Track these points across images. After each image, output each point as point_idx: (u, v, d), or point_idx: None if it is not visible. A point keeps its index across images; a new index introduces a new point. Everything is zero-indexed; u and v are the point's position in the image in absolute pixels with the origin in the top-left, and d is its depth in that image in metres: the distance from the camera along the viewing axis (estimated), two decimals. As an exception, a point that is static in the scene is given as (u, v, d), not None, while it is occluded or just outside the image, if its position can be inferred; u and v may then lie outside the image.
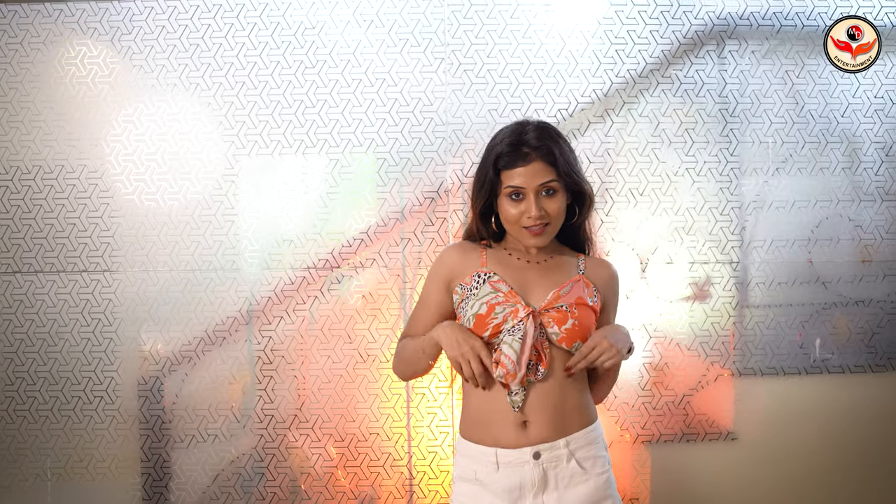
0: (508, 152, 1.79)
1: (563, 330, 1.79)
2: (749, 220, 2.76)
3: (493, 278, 1.84)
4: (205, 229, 2.76)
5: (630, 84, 2.74)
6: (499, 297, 1.80)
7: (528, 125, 1.84)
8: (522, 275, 1.88)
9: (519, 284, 1.86)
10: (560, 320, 1.79)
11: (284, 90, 2.76)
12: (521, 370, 1.75)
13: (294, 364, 2.76)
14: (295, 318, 2.76)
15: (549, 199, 1.79)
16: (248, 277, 2.76)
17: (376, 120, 2.75)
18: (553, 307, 1.81)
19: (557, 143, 1.81)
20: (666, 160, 2.75)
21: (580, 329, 1.81)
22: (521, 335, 1.76)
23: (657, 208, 2.75)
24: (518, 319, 1.77)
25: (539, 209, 1.77)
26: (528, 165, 1.78)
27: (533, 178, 1.77)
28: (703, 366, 2.76)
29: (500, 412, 1.78)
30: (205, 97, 2.75)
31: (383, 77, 2.75)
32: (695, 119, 2.74)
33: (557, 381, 1.80)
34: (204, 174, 2.76)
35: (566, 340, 1.79)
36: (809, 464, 2.73)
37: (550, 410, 1.77)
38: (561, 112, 2.76)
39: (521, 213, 1.80)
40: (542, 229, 1.81)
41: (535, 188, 1.77)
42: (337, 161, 2.77)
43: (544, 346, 1.79)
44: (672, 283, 2.75)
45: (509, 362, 1.74)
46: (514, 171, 1.78)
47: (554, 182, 1.79)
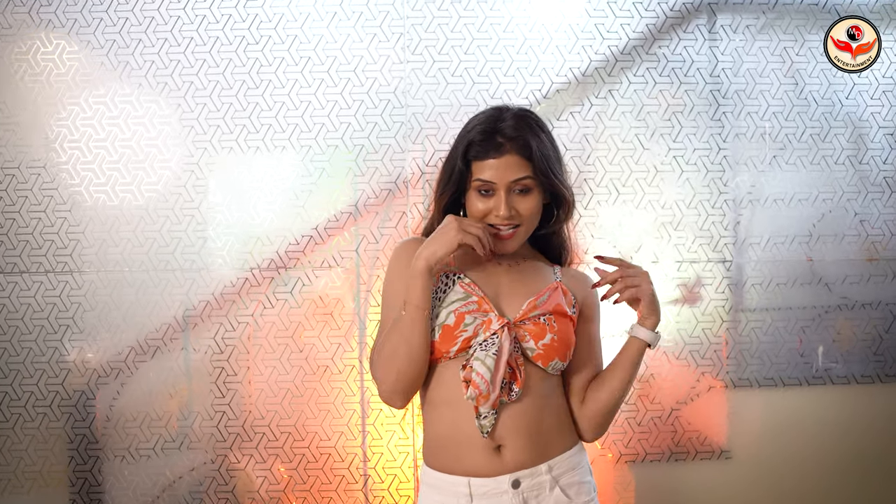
0: (480, 141, 1.59)
1: (541, 346, 1.59)
2: (744, 215, 2.50)
3: (463, 280, 1.63)
4: (136, 225, 2.47)
5: (611, 62, 2.48)
6: (470, 305, 1.60)
7: (507, 112, 1.64)
8: (495, 280, 1.67)
9: (491, 290, 1.65)
10: (537, 334, 1.60)
11: (224, 69, 2.47)
12: (496, 390, 1.54)
13: (236, 376, 2.47)
14: (236, 324, 2.47)
15: (522, 197, 1.59)
16: (183, 280, 2.47)
17: (326, 102, 2.47)
18: (529, 318, 1.61)
19: (537, 135, 1.60)
20: (651, 147, 2.48)
21: (559, 345, 1.61)
22: (496, 350, 1.55)
23: (641, 201, 2.47)
24: (491, 332, 1.56)
25: (509, 208, 1.58)
26: (500, 158, 1.58)
27: (505, 173, 1.57)
28: (694, 377, 2.49)
29: (468, 436, 1.59)
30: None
31: (334, 55, 2.47)
32: (683, 102, 2.47)
33: (533, 402, 1.60)
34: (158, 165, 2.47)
35: (543, 358, 1.60)
36: (810, 484, 2.55)
37: (526, 432, 1.59)
38: (534, 93, 2.47)
39: (488, 210, 1.60)
40: (512, 232, 1.60)
41: (507, 184, 1.57)
42: (283, 149, 2.48)
43: (519, 362, 1.58)
44: (658, 284, 2.46)
45: (482, 381, 1.53)
46: (485, 163, 1.58)
47: (528, 179, 1.58)
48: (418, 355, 1.56)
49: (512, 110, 1.64)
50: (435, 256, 1.54)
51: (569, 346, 1.62)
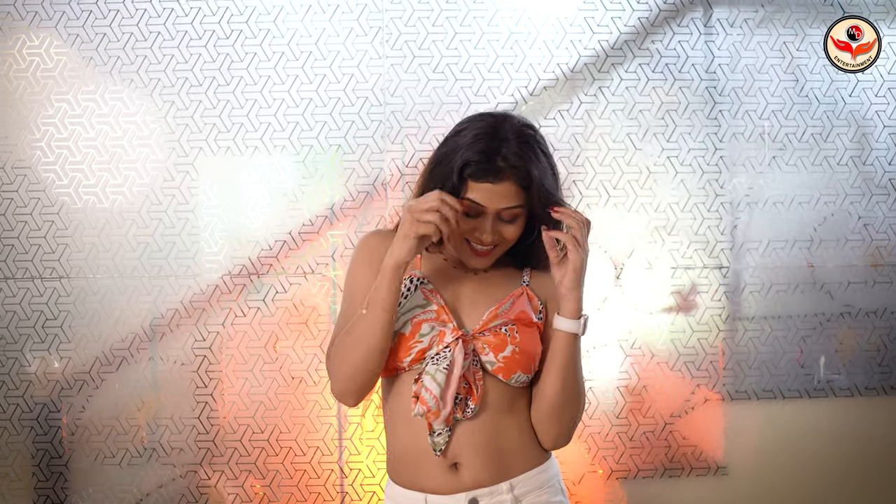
0: (479, 161, 1.48)
1: (501, 358, 1.50)
2: (741, 219, 2.39)
3: (426, 285, 1.55)
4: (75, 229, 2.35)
5: (601, 58, 2.35)
6: (429, 314, 1.51)
7: (508, 130, 1.50)
8: (458, 286, 1.58)
9: (453, 298, 1.57)
10: (497, 346, 1.50)
11: (193, 64, 2.34)
12: (446, 407, 1.46)
13: (206, 388, 2.35)
14: (206, 333, 2.35)
15: (509, 223, 1.51)
16: (150, 287, 2.34)
17: (301, 100, 2.34)
18: (489, 328, 1.52)
19: (539, 162, 1.50)
20: (643, 148, 2.35)
21: (521, 357, 1.51)
22: (447, 365, 1.47)
23: (633, 204, 2.35)
24: (444, 345, 1.48)
25: (494, 234, 1.50)
26: (497, 184, 1.47)
27: (498, 200, 1.48)
28: (689, 389, 2.37)
29: (424, 452, 1.51)
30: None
31: (309, 50, 2.34)
32: (677, 99, 2.35)
33: (491, 418, 1.51)
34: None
35: (503, 372, 1.50)
36: (811, 501, 2.44)
37: (484, 449, 1.50)
38: (520, 91, 2.35)
39: (471, 230, 1.52)
40: (488, 252, 1.53)
41: (496, 211, 1.49)
42: (254, 149, 2.35)
43: (476, 376, 1.50)
44: (652, 291, 2.36)
45: (431, 398, 1.45)
46: (480, 185, 1.48)
47: (519, 208, 1.50)
48: (376, 358, 1.47)
49: (514, 126, 1.51)
50: (400, 259, 1.45)
51: (533, 357, 1.52)
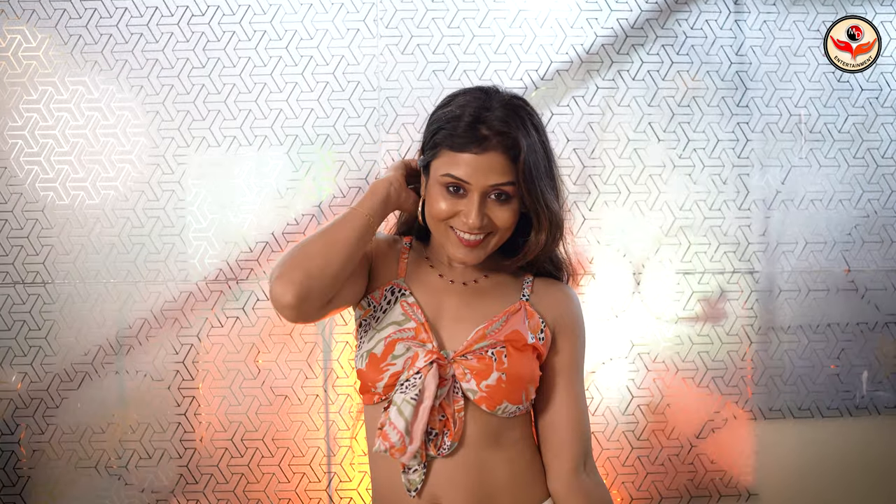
0: (460, 129, 1.28)
1: (484, 387, 1.28)
2: (775, 218, 2.16)
3: (407, 298, 1.35)
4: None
5: (620, 38, 2.12)
6: (406, 332, 1.31)
7: (496, 97, 1.32)
8: (443, 300, 1.37)
9: (436, 314, 1.35)
10: (480, 372, 1.28)
11: (164, 45, 2.09)
12: (414, 443, 1.26)
13: (178, 407, 2.10)
14: (179, 346, 2.09)
15: (500, 206, 1.30)
16: (116, 293, 2.09)
17: (285, 85, 2.10)
18: (472, 350, 1.30)
19: (529, 132, 1.29)
20: (666, 139, 2.11)
21: (509, 386, 1.29)
22: (416, 394, 1.25)
23: (656, 202, 2.11)
24: (415, 370, 1.26)
25: (481, 216, 1.28)
26: (481, 154, 1.27)
27: (485, 174, 1.27)
28: (717, 406, 2.13)
29: (402, 490, 1.32)
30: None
31: (294, 29, 2.09)
32: (704, 85, 2.11)
33: (475, 453, 1.30)
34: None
35: (487, 402, 1.28)
36: None
37: (468, 490, 1.30)
38: (529, 74, 2.10)
39: (453, 212, 1.30)
40: (478, 240, 1.31)
41: (484, 188, 1.28)
42: (232, 139, 2.10)
43: (456, 406, 1.28)
44: (676, 298, 2.11)
45: (394, 432, 1.25)
46: (461, 157, 1.27)
47: (510, 186, 1.29)
48: (338, 261, 1.24)
49: (502, 95, 1.33)
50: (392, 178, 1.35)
51: (524, 385, 1.30)
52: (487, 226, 1.29)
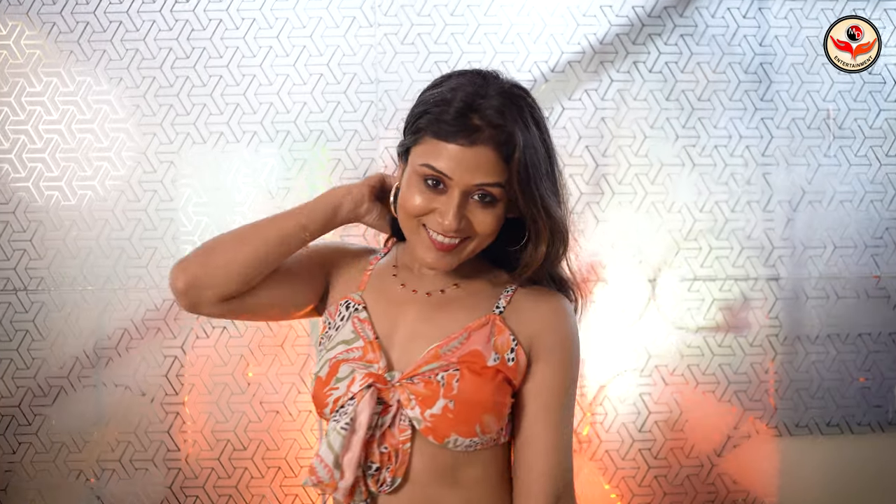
0: (448, 115, 1.11)
1: (429, 416, 1.11)
2: (801, 220, 2.03)
3: (360, 313, 1.21)
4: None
5: (636, 27, 2.00)
6: (353, 352, 1.17)
7: (495, 83, 1.15)
8: (398, 312, 1.20)
9: (389, 330, 1.19)
10: (426, 399, 1.11)
11: (145, 34, 1.94)
12: (345, 477, 1.11)
13: (161, 423, 1.95)
14: (162, 358, 1.95)
15: (483, 208, 1.13)
16: (94, 301, 1.95)
17: (276, 77, 1.96)
18: (420, 373, 1.13)
19: (528, 127, 1.12)
20: (686, 135, 1.98)
21: (458, 416, 1.11)
22: (347, 422, 1.11)
23: (674, 203, 1.99)
24: (350, 395, 1.13)
25: (459, 218, 1.12)
26: (469, 148, 1.10)
27: (470, 172, 1.11)
28: (739, 422, 2.00)
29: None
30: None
31: (286, 17, 1.95)
32: (726, 77, 1.99)
33: (423, 492, 1.14)
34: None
35: (434, 434, 1.11)
36: None
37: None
38: (539, 66, 1.97)
39: (428, 209, 1.13)
40: (453, 246, 1.14)
41: (467, 186, 1.11)
42: (219, 135, 1.95)
43: (402, 436, 1.13)
44: (695, 306, 1.98)
45: (321, 465, 1.10)
46: (445, 148, 1.11)
47: (497, 188, 1.12)
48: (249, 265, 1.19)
49: (502, 83, 1.16)
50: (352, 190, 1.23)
51: (477, 414, 1.12)
52: (465, 229, 1.12)
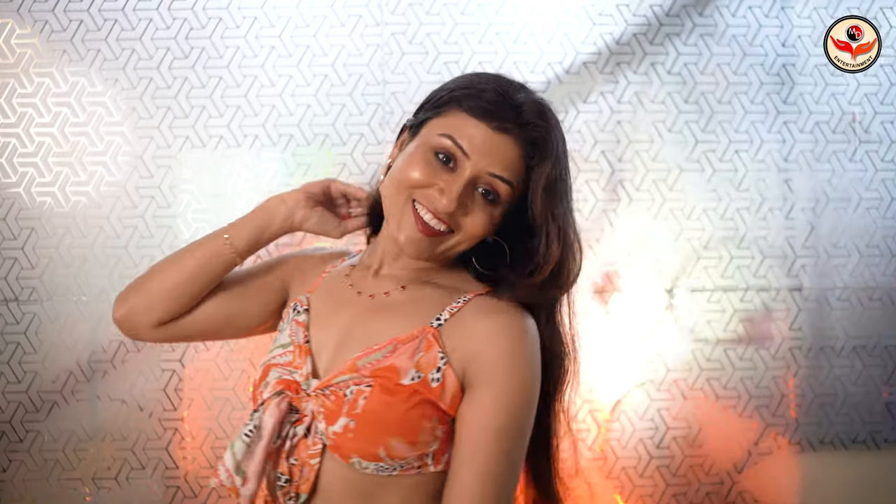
0: (484, 93, 1.08)
1: (332, 433, 1.05)
2: (825, 227, 1.96)
3: (299, 316, 1.18)
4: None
5: (654, 27, 1.93)
6: (285, 356, 1.15)
7: (524, 89, 1.13)
8: (336, 317, 1.16)
9: (323, 335, 1.15)
10: (330, 414, 1.06)
11: (142, 33, 1.86)
12: (247, 484, 1.07)
13: (159, 440, 1.87)
14: (159, 371, 1.88)
15: (483, 206, 1.08)
16: (88, 313, 1.87)
17: (278, 78, 1.89)
18: (333, 384, 1.07)
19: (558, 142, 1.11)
20: (705, 139, 1.91)
21: (359, 436, 1.04)
22: (251, 429, 1.08)
23: (693, 210, 1.91)
24: (260, 401, 1.12)
25: (457, 201, 1.06)
26: (497, 133, 1.06)
27: (490, 157, 1.06)
28: (761, 438, 1.93)
29: None
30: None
31: (288, 15, 1.88)
32: (748, 79, 1.93)
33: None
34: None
35: (339, 451, 1.06)
36: None
37: None
38: (552, 67, 1.89)
39: (426, 183, 1.07)
40: (436, 233, 1.08)
41: (480, 172, 1.06)
42: (219, 138, 1.87)
43: (311, 451, 1.08)
44: (714, 318, 1.92)
45: (223, 470, 1.09)
46: (474, 125, 1.07)
47: (506, 187, 1.08)
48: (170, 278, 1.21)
49: (531, 91, 1.14)
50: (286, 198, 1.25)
51: (382, 437, 1.03)
52: (456, 221, 1.06)
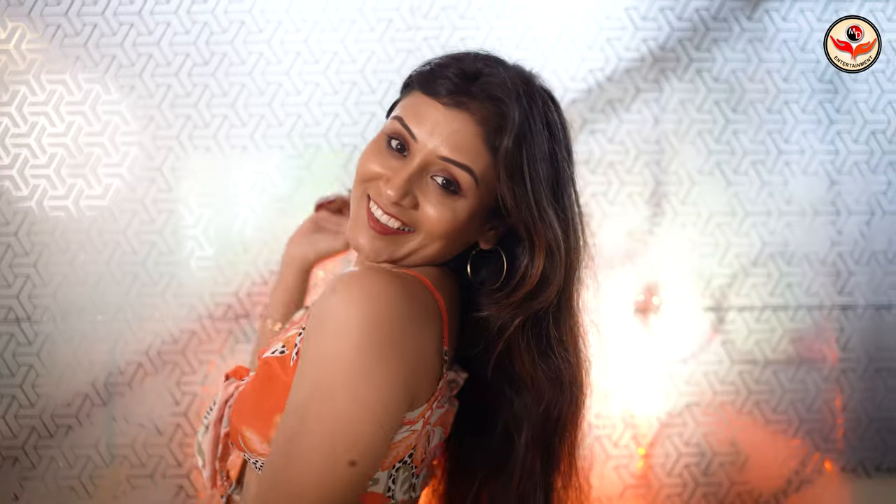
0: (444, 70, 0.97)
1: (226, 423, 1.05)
2: (881, 243, 1.85)
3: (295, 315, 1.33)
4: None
5: (699, 32, 1.82)
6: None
7: (516, 67, 1.03)
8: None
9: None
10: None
11: (160, 38, 1.77)
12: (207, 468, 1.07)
13: (181, 468, 1.78)
14: (179, 394, 1.78)
15: (440, 197, 0.95)
16: (106, 332, 1.77)
17: (304, 85, 1.80)
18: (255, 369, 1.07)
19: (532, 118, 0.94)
20: (754, 150, 1.81)
21: (230, 426, 1.00)
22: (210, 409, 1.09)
23: (742, 224, 1.80)
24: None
25: (404, 189, 0.93)
26: (450, 110, 0.93)
27: (439, 139, 0.93)
28: (813, 464, 1.83)
29: None
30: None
31: (315, 19, 1.78)
32: (799, 87, 1.82)
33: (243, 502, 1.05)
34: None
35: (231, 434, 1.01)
36: None
37: None
38: (594, 74, 1.79)
39: (375, 174, 0.96)
40: (389, 231, 0.96)
41: (429, 155, 0.93)
42: (242, 149, 1.78)
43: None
44: (763, 338, 1.82)
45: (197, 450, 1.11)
46: (425, 103, 0.95)
47: (465, 174, 0.93)
48: None
49: (524, 71, 1.02)
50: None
51: (238, 427, 0.95)
52: (411, 217, 0.94)
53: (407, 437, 0.95)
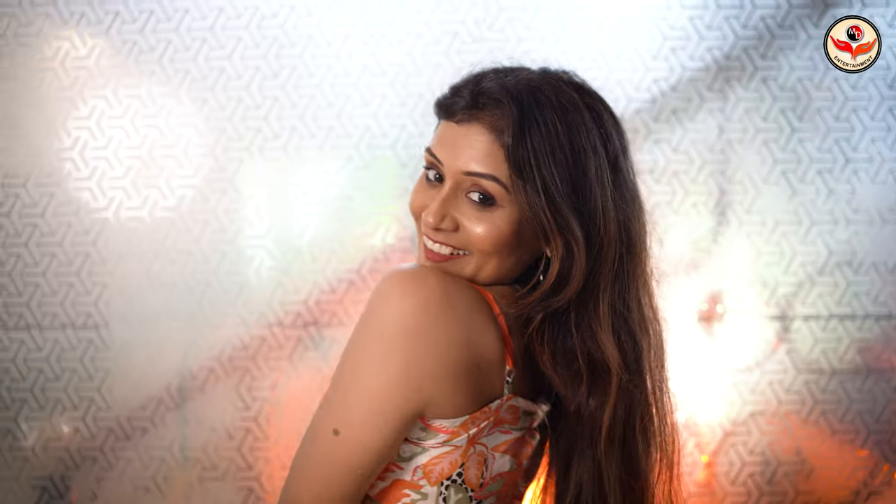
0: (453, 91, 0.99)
1: None
2: (951, 251, 1.80)
3: None
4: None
5: (764, 40, 1.81)
6: None
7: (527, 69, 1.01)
8: None
9: None
10: None
11: (231, 52, 1.81)
12: None
13: (251, 470, 1.83)
14: (251, 400, 1.83)
15: (479, 211, 0.94)
16: (179, 339, 1.83)
17: (372, 98, 1.84)
18: None
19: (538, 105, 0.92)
20: (821, 159, 1.80)
21: None
22: None
23: (808, 233, 1.79)
24: None
25: (441, 215, 0.94)
26: (461, 125, 0.94)
27: (459, 156, 0.93)
28: (883, 475, 1.81)
29: None
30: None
31: (382, 32, 1.81)
32: (867, 94, 1.80)
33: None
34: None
35: None
36: None
37: None
38: (658, 84, 1.80)
39: (423, 206, 0.98)
40: (443, 258, 0.96)
41: (457, 175, 0.93)
42: (309, 161, 1.81)
43: None
44: (830, 347, 1.81)
45: None
46: (441, 127, 0.98)
47: (493, 183, 0.92)
48: None
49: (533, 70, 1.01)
50: None
51: None
52: (458, 238, 0.94)
53: (450, 452, 0.93)
